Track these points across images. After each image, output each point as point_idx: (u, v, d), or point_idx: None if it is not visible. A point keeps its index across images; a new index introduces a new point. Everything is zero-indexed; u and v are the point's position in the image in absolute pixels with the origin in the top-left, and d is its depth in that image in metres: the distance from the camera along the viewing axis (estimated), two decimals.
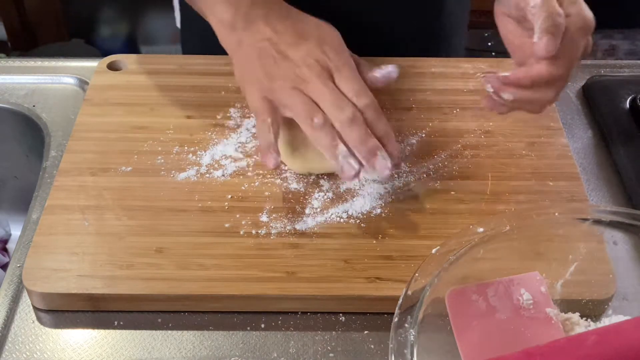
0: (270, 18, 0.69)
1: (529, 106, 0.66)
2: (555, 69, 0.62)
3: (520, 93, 0.63)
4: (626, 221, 0.59)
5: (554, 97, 0.64)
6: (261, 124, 0.66)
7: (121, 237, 0.64)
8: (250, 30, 0.69)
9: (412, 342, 0.49)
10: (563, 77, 0.63)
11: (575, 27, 0.62)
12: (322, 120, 0.64)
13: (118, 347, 0.59)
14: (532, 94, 0.63)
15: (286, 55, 0.67)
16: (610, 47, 1.95)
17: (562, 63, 0.62)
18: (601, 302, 0.59)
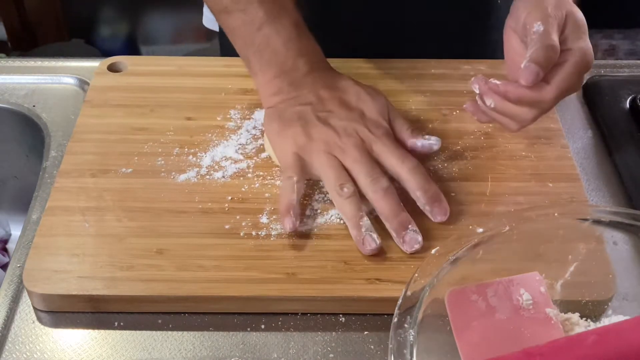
0: (317, 86, 0.71)
1: (507, 121, 0.68)
2: (544, 94, 0.64)
3: (502, 104, 0.66)
4: (626, 221, 0.59)
5: (532, 120, 0.67)
6: (286, 181, 0.66)
7: (121, 238, 0.64)
8: (294, 94, 0.71)
9: (412, 343, 0.50)
10: (548, 103, 0.65)
11: (573, 63, 0.65)
12: (352, 190, 0.64)
13: (118, 348, 0.59)
14: (513, 109, 0.66)
15: (327, 121, 0.68)
16: (610, 47, 1.95)
17: (551, 90, 0.64)
18: (601, 303, 0.59)
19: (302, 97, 0.70)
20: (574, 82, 0.66)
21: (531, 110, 0.66)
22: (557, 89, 0.64)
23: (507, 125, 0.69)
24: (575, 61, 0.64)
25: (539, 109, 0.66)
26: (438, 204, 0.65)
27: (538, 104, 0.65)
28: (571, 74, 0.64)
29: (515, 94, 0.65)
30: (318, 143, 0.67)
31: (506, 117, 0.68)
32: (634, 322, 0.53)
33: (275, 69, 0.71)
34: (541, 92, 0.64)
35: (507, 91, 0.65)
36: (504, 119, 0.68)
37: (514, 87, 0.64)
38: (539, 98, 0.64)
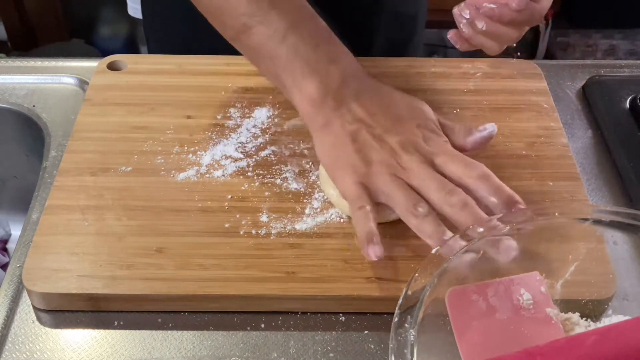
0: (363, 98, 0.66)
1: (491, 44, 0.70)
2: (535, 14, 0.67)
3: (493, 26, 0.68)
4: (626, 221, 0.59)
5: (517, 38, 0.70)
6: (359, 212, 0.61)
7: (121, 237, 0.64)
8: (340, 110, 0.65)
9: (412, 342, 0.49)
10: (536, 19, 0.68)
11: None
12: (427, 209, 0.60)
13: (118, 347, 0.59)
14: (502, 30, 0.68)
15: (383, 140, 0.63)
16: (610, 47, 1.95)
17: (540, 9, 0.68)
18: (601, 302, 0.59)
19: (350, 114, 0.65)
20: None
21: (516, 29, 0.69)
22: (545, 8, 0.68)
23: (490, 48, 0.70)
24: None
25: (523, 28, 0.69)
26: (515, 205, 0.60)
27: (528, 22, 0.68)
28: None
29: (509, 15, 0.66)
30: (379, 167, 0.62)
31: (491, 40, 0.70)
32: (634, 322, 0.53)
33: (310, 80, 0.65)
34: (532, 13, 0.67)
35: (502, 13, 0.67)
36: (488, 42, 0.70)
37: (507, 9, 0.66)
38: (530, 18, 0.67)
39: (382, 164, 0.62)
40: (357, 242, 0.62)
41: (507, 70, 0.83)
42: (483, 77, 0.82)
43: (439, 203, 0.60)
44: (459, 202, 0.59)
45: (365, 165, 0.63)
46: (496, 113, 0.78)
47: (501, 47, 0.71)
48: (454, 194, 0.60)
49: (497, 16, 0.67)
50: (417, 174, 0.62)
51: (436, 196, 0.60)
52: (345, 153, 0.64)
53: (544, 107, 0.79)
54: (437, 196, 0.60)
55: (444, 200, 0.60)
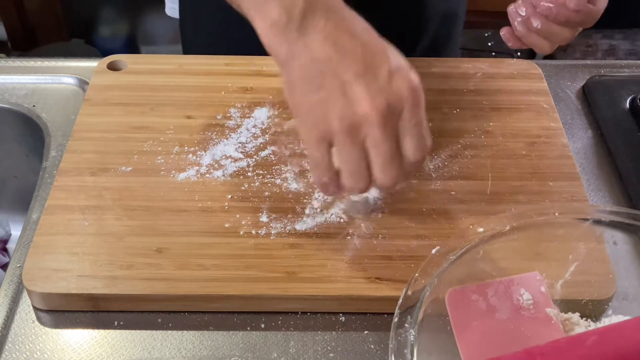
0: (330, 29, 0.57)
1: (543, 43, 0.70)
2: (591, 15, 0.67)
3: (548, 26, 0.68)
4: (626, 221, 0.59)
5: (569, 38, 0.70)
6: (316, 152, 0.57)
7: (121, 237, 0.64)
8: (304, 41, 0.57)
9: (412, 342, 0.49)
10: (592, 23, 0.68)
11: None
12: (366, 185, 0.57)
13: (118, 347, 0.59)
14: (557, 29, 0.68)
15: (351, 89, 0.55)
16: (610, 47, 1.95)
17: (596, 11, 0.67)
18: (601, 302, 0.59)
19: (317, 48, 0.56)
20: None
21: (572, 30, 0.68)
22: (601, 9, 0.67)
23: (542, 46, 0.71)
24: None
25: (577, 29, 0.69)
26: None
27: (583, 24, 0.68)
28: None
29: (566, 15, 0.67)
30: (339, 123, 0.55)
31: (544, 39, 0.70)
32: (634, 322, 0.53)
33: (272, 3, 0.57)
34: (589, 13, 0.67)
35: (559, 13, 0.67)
36: (542, 41, 0.70)
37: (565, 9, 0.66)
38: (585, 19, 0.67)
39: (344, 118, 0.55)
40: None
41: (507, 70, 0.83)
42: (483, 77, 0.82)
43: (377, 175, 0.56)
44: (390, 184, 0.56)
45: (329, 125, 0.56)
46: (496, 113, 0.78)
47: (552, 47, 0.71)
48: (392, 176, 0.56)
49: (553, 15, 0.67)
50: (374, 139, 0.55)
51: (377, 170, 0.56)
52: (310, 101, 0.57)
53: (544, 107, 0.79)
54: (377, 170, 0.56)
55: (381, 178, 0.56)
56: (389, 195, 0.68)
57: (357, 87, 0.55)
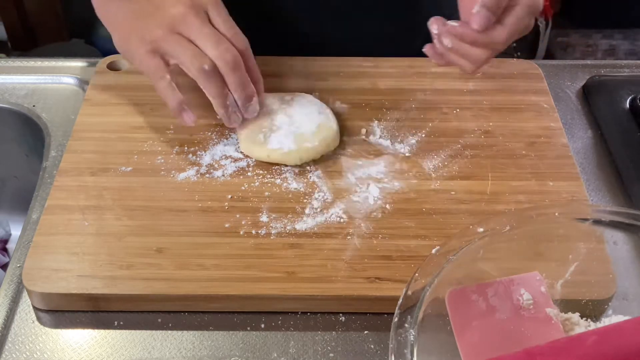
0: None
1: (463, 62, 0.70)
2: (496, 35, 0.67)
3: (459, 45, 0.68)
4: (626, 221, 0.59)
5: (485, 60, 0.69)
6: (161, 82, 0.68)
7: (121, 237, 0.64)
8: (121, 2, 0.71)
9: (412, 342, 0.49)
10: (501, 44, 0.68)
11: (524, 5, 0.67)
12: (212, 67, 0.66)
13: (118, 347, 0.59)
14: (468, 49, 0.68)
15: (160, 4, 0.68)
16: (610, 47, 1.95)
17: (504, 32, 0.67)
18: (601, 302, 0.59)
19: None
20: (526, 23, 0.68)
21: (485, 50, 0.68)
22: (509, 31, 0.67)
23: (464, 66, 0.71)
24: (527, 3, 0.67)
25: (492, 49, 0.69)
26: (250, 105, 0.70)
27: (491, 44, 0.68)
28: (522, 16, 0.67)
29: (471, 36, 0.67)
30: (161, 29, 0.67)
31: (462, 58, 0.70)
32: (634, 322, 0.53)
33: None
34: (494, 34, 0.67)
35: (464, 33, 0.67)
36: (460, 60, 0.70)
37: (469, 29, 0.67)
38: (492, 39, 0.67)
39: (163, 24, 0.67)
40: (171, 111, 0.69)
41: (507, 70, 0.83)
42: (483, 77, 0.82)
43: (214, 58, 0.66)
44: (231, 61, 0.67)
45: (149, 33, 0.68)
46: (496, 113, 0.78)
47: (475, 68, 0.70)
48: (228, 51, 0.67)
49: (459, 34, 0.68)
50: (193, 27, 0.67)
51: (212, 52, 0.66)
52: (131, 29, 0.69)
53: (544, 107, 0.79)
54: (213, 52, 0.66)
55: (219, 57, 0.66)
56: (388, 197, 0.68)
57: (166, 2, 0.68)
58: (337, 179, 0.70)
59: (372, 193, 0.68)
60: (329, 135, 0.72)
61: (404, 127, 0.76)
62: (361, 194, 0.68)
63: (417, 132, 0.76)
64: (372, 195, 0.68)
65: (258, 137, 0.71)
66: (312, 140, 0.71)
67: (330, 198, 0.68)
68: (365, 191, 0.69)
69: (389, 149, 0.74)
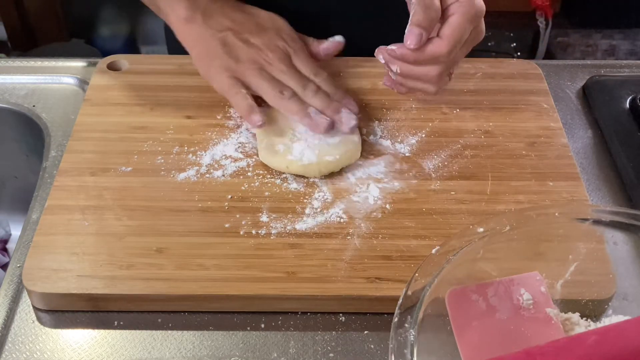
0: (227, 11, 0.76)
1: (421, 85, 0.72)
2: (437, 49, 0.67)
3: (406, 68, 0.70)
4: (626, 221, 0.58)
5: (438, 75, 0.70)
6: (235, 95, 0.72)
7: (121, 237, 0.64)
8: (209, 23, 0.75)
9: (412, 342, 0.49)
10: (446, 56, 0.68)
11: (461, 13, 0.67)
12: (291, 92, 0.72)
13: (118, 347, 0.59)
14: (417, 70, 0.70)
15: (249, 42, 0.74)
16: (610, 47, 1.95)
17: (444, 44, 0.67)
18: (601, 302, 0.59)
19: (218, 24, 0.75)
20: (466, 31, 0.68)
21: (434, 67, 0.69)
22: (450, 41, 0.67)
23: (424, 89, 0.72)
24: (463, 11, 0.67)
25: (441, 64, 0.69)
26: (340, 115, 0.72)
27: (436, 59, 0.68)
28: (461, 24, 0.67)
29: (410, 55, 0.68)
30: (247, 63, 0.73)
31: (418, 81, 0.71)
32: (634, 322, 0.52)
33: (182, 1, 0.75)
34: (434, 48, 0.67)
35: (404, 54, 0.68)
36: (417, 83, 0.71)
37: (406, 49, 0.67)
38: (434, 54, 0.67)
39: (250, 60, 0.74)
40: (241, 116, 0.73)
41: (507, 70, 0.84)
42: (483, 77, 0.82)
43: (297, 91, 0.73)
44: (312, 92, 0.72)
45: (235, 63, 0.73)
46: (496, 113, 0.78)
47: (435, 87, 0.71)
48: (308, 85, 0.73)
49: (400, 57, 0.68)
50: (279, 68, 0.73)
51: (295, 87, 0.73)
52: (218, 57, 0.74)
53: (544, 107, 0.79)
54: (295, 87, 0.73)
55: (300, 91, 0.73)
56: (388, 197, 0.68)
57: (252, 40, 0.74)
58: (337, 179, 0.70)
59: (372, 193, 0.68)
60: (350, 148, 0.71)
61: (404, 127, 0.76)
62: (361, 194, 0.68)
63: (417, 132, 0.76)
64: (372, 195, 0.68)
65: (277, 147, 0.70)
66: (334, 153, 0.70)
67: (330, 198, 0.68)
68: (365, 191, 0.69)
69: (389, 149, 0.74)
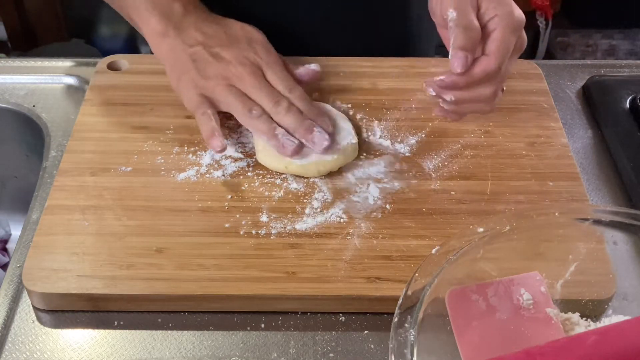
0: (199, 24, 0.74)
1: (475, 106, 0.70)
2: (487, 67, 0.66)
3: (460, 94, 0.68)
4: (626, 221, 0.58)
5: (493, 93, 0.69)
6: (202, 116, 0.70)
7: (121, 237, 0.64)
8: (181, 37, 0.73)
9: (412, 342, 0.49)
10: (497, 72, 0.67)
11: (502, 27, 0.66)
12: (260, 111, 0.70)
13: (118, 347, 0.59)
14: (471, 93, 0.68)
15: (219, 56, 0.72)
16: (610, 47, 1.95)
17: (492, 60, 0.66)
18: (601, 302, 0.59)
19: (190, 38, 0.73)
20: (511, 43, 0.67)
21: (487, 86, 0.68)
22: (497, 56, 0.66)
23: (480, 110, 0.71)
24: (504, 25, 0.66)
25: (492, 81, 0.68)
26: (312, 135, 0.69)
27: (488, 77, 0.67)
28: (505, 38, 0.66)
29: (463, 80, 0.66)
30: (216, 80, 0.71)
31: (472, 104, 0.70)
32: (635, 322, 0.52)
33: (153, 15, 0.74)
34: (484, 66, 0.66)
35: (455, 81, 0.67)
36: (471, 106, 0.70)
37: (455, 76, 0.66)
38: (484, 72, 0.66)
39: (219, 76, 0.71)
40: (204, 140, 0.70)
41: None
42: None
43: (267, 110, 0.70)
44: (283, 110, 0.70)
45: (205, 80, 0.71)
46: (496, 113, 0.78)
47: (489, 106, 0.70)
48: (279, 102, 0.70)
49: (451, 86, 0.67)
50: (248, 83, 0.71)
51: (265, 104, 0.70)
52: (187, 72, 0.72)
53: (544, 107, 0.79)
54: (266, 104, 0.70)
55: (271, 108, 0.70)
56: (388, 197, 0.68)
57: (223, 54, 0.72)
58: (337, 179, 0.70)
59: (372, 193, 0.68)
60: (348, 148, 0.71)
61: (404, 127, 0.76)
62: (361, 194, 0.68)
63: (417, 132, 0.76)
64: (372, 195, 0.68)
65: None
66: (332, 152, 0.70)
67: (330, 198, 0.68)
68: (365, 191, 0.69)
69: (389, 149, 0.74)
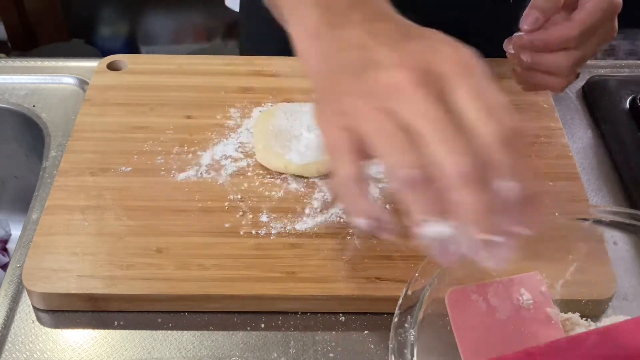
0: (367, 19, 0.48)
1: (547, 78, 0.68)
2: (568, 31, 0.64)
3: (536, 56, 0.66)
4: (626, 221, 0.58)
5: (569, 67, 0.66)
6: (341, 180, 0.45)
7: (121, 237, 0.64)
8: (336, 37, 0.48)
9: (412, 342, 0.49)
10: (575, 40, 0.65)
11: (597, 2, 0.65)
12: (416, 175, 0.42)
13: (118, 347, 0.59)
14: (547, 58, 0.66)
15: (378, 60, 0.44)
16: (610, 47, 1.95)
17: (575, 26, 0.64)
18: (601, 302, 0.59)
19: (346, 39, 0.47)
20: (598, 19, 0.65)
21: (564, 57, 0.66)
22: (580, 25, 0.64)
23: (550, 85, 0.69)
24: (598, 7, 0.65)
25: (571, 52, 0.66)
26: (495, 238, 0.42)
27: (567, 43, 0.65)
28: (594, 12, 0.65)
29: (540, 41, 0.65)
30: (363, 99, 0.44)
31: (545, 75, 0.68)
32: (635, 322, 0.53)
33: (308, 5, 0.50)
34: (564, 29, 0.65)
35: (533, 39, 0.66)
36: (544, 78, 0.68)
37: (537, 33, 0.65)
38: (564, 37, 0.65)
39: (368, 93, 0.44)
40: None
41: (507, 70, 0.83)
42: None
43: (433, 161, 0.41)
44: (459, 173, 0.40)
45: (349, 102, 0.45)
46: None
47: (562, 82, 0.68)
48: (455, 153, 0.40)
49: (528, 43, 0.65)
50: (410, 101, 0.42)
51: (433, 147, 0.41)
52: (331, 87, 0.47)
53: (544, 107, 0.79)
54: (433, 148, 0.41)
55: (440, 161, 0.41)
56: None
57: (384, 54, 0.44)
58: None
59: (372, 193, 0.68)
60: None
61: None
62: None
63: None
64: (372, 195, 0.68)
65: (275, 148, 0.70)
66: None
67: (330, 198, 0.68)
68: None
69: None
